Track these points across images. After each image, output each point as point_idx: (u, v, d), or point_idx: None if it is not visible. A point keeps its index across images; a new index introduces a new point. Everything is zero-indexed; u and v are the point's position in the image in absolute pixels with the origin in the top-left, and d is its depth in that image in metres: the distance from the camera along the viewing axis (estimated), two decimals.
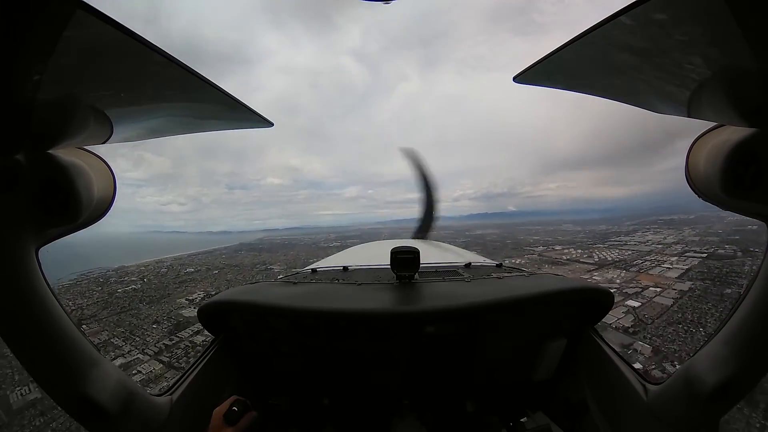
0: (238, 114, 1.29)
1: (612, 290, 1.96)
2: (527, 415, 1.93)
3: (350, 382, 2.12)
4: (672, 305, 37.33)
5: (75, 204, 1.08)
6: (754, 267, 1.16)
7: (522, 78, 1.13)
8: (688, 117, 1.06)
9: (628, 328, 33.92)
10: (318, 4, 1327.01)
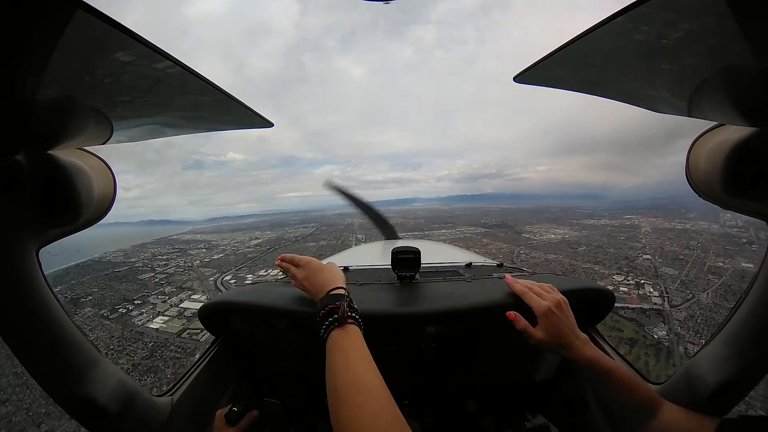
0: (237, 114, 1.30)
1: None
2: (527, 415, 1.93)
3: None
4: None
5: (75, 204, 1.08)
6: None
7: (522, 78, 1.13)
8: (689, 116, 1.06)
9: None
10: None
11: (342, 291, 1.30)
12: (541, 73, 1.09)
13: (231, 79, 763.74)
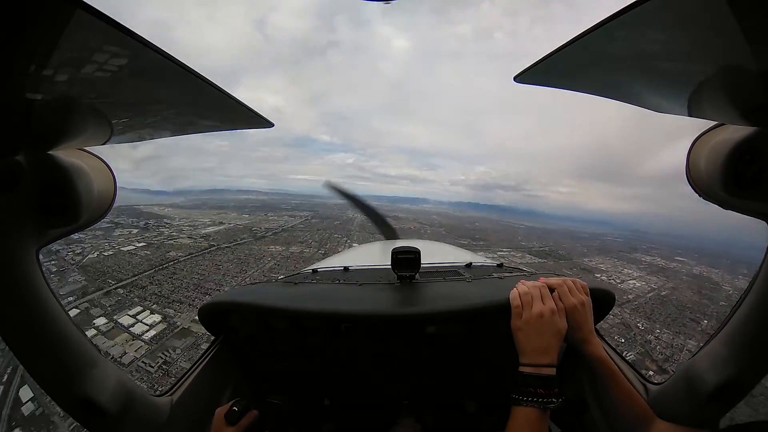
0: (237, 114, 1.30)
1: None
2: None
3: (351, 382, 2.12)
4: None
5: (75, 204, 1.09)
6: None
7: (522, 78, 1.13)
8: (689, 116, 1.06)
9: None
10: None
11: (554, 373, 1.31)
12: (541, 73, 1.09)
13: (249, 36, 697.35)
